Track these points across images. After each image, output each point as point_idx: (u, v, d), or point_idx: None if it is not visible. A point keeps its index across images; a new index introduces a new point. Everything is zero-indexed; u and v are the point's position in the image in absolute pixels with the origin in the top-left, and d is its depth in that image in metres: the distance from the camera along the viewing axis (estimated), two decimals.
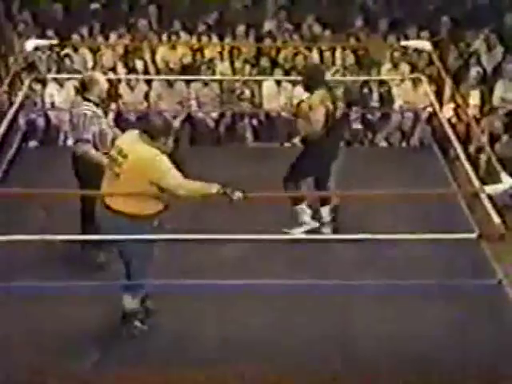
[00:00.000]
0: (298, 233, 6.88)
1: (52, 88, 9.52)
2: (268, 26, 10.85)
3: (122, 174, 5.15)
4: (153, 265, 5.47)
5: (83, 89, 6.32)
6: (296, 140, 6.97)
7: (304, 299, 5.81)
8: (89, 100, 6.24)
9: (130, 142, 5.24)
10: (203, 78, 9.57)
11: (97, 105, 6.27)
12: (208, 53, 10.11)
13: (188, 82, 9.62)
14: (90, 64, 10.06)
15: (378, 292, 5.75)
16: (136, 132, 5.28)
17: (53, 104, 9.48)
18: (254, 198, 5.21)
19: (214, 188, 5.04)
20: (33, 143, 9.25)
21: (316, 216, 6.97)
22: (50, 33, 10.36)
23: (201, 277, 5.80)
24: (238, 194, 5.02)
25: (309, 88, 6.82)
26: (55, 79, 9.49)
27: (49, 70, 9.76)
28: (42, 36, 10.08)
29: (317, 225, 6.98)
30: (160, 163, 5.09)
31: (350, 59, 10.14)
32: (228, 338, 5.62)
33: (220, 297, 5.71)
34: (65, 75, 9.49)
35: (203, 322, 5.79)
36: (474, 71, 9.50)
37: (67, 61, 9.77)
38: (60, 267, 6.15)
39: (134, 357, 5.43)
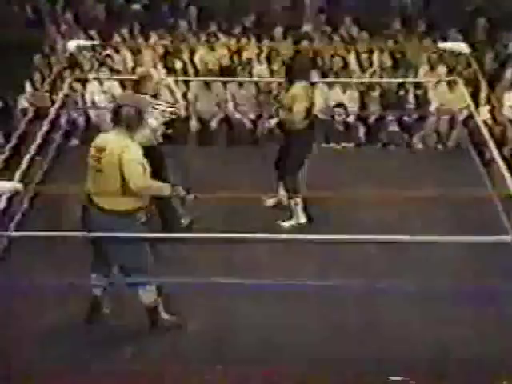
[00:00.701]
0: (289, 225, 7.06)
1: (93, 87, 9.69)
2: (306, 27, 10.91)
3: (102, 168, 5.21)
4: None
5: (137, 84, 6.52)
6: (272, 122, 7.11)
7: (332, 299, 5.85)
8: (144, 93, 6.41)
9: (106, 136, 5.32)
10: (239, 79, 9.67)
11: (153, 96, 6.48)
12: (246, 54, 10.21)
13: (225, 83, 9.74)
14: (130, 64, 10.21)
15: (410, 294, 5.76)
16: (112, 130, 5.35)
17: (93, 102, 9.65)
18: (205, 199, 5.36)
19: (167, 190, 5.15)
20: (74, 142, 9.41)
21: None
22: (92, 33, 10.56)
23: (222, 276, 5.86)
24: (189, 197, 5.14)
25: (291, 80, 6.91)
26: (96, 78, 9.65)
27: (91, 70, 9.95)
28: (85, 36, 10.29)
29: (305, 220, 7.13)
30: (129, 152, 5.13)
31: (387, 61, 10.18)
32: (251, 338, 5.68)
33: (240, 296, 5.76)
34: (105, 75, 9.66)
35: (213, 322, 5.84)
36: (509, 73, 9.49)
37: (108, 61, 9.94)
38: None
39: (166, 353, 5.52)
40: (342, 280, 5.78)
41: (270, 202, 7.39)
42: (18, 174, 6.52)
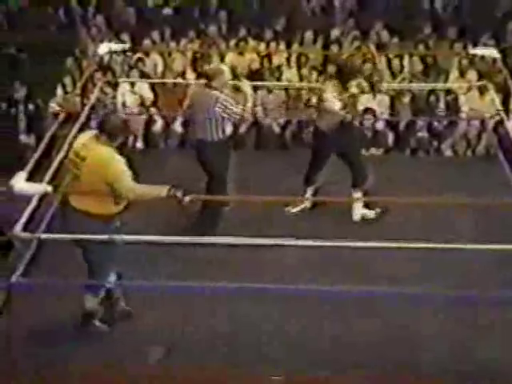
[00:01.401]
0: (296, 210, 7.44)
1: (124, 89, 9.76)
2: (336, 32, 10.89)
3: (81, 175, 5.26)
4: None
5: (208, 79, 6.80)
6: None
7: (354, 305, 5.88)
8: (215, 89, 6.73)
9: (88, 143, 5.33)
10: (268, 83, 9.67)
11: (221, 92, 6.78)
12: (276, 59, 10.21)
13: (254, 87, 9.73)
14: (160, 68, 10.26)
15: (438, 300, 5.75)
16: (93, 132, 5.41)
17: (124, 104, 9.70)
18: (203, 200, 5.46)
19: (164, 191, 5.13)
20: None
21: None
22: (123, 37, 10.62)
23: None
24: (187, 198, 5.12)
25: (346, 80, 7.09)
26: (128, 81, 9.73)
27: (122, 73, 10.02)
28: (116, 40, 10.35)
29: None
30: (115, 165, 5.18)
31: (418, 66, 10.13)
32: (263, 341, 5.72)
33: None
34: (136, 78, 9.72)
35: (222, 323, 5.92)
36: None
37: (140, 64, 10.02)
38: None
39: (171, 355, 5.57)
40: (359, 285, 5.81)
41: (295, 209, 7.44)
42: (47, 177, 6.58)
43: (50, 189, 5.33)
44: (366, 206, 7.37)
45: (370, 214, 7.38)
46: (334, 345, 5.69)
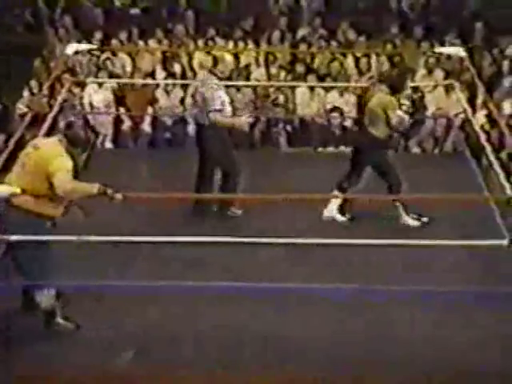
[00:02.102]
0: None
1: (91, 89, 9.72)
2: (303, 31, 10.93)
3: (27, 164, 5.27)
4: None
5: (214, 65, 7.11)
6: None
7: (340, 304, 5.85)
8: (214, 74, 7.05)
9: (46, 139, 5.48)
10: (238, 83, 9.67)
11: (220, 79, 7.10)
12: (244, 58, 10.23)
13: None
14: (129, 68, 10.23)
15: (410, 297, 5.79)
16: (59, 136, 5.43)
17: (91, 104, 9.66)
18: (134, 198, 5.49)
19: (95, 188, 5.13)
20: None
21: None
22: (91, 37, 10.58)
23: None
24: (118, 195, 5.13)
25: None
26: (96, 82, 9.69)
27: (89, 73, 9.98)
28: (84, 40, 10.32)
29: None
30: (60, 160, 5.17)
31: (385, 66, 10.20)
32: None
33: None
34: (104, 79, 9.68)
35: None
36: (507, 81, 9.52)
37: (108, 64, 9.98)
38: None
39: (166, 356, 5.50)
40: (340, 283, 5.81)
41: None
42: None
43: (18, 190, 5.30)
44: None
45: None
46: (332, 344, 5.62)
